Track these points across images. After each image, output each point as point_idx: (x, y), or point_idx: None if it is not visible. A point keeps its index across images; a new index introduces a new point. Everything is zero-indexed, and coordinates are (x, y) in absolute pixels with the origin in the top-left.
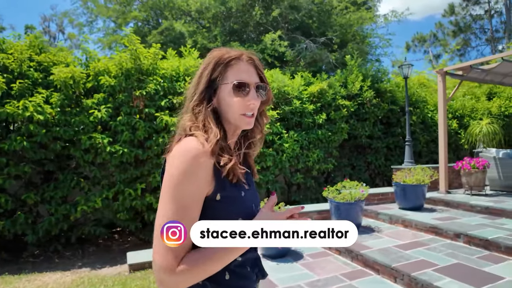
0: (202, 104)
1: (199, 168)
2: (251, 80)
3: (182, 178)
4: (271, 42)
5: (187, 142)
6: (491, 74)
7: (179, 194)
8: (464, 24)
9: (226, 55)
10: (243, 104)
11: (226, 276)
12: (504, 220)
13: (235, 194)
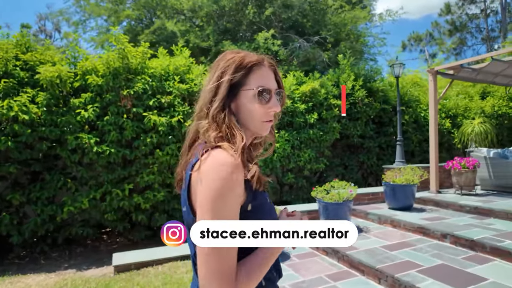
0: (224, 111)
1: (236, 183)
2: (272, 86)
3: (220, 196)
4: (264, 41)
5: (218, 156)
6: (482, 73)
7: (220, 212)
8: (460, 23)
9: (246, 59)
10: (265, 111)
11: (263, 283)
12: (492, 220)
13: (263, 202)
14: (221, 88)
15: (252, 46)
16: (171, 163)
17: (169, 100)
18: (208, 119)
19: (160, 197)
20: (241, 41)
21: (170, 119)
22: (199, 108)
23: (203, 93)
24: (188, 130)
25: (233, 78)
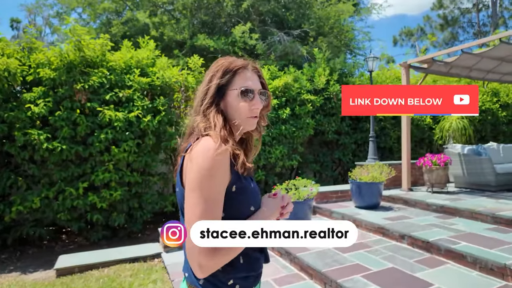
0: (212, 106)
1: (220, 164)
2: (256, 86)
3: (207, 175)
4: (241, 35)
5: (205, 142)
6: (455, 67)
7: (207, 191)
8: (452, 17)
9: (233, 64)
10: (249, 108)
11: (240, 260)
12: (456, 219)
13: (246, 185)
14: (210, 89)
15: (229, 40)
16: (129, 160)
17: (128, 94)
18: (200, 115)
19: (117, 196)
20: (218, 35)
21: (127, 114)
22: (194, 106)
23: (198, 93)
24: (188, 126)
25: (220, 81)
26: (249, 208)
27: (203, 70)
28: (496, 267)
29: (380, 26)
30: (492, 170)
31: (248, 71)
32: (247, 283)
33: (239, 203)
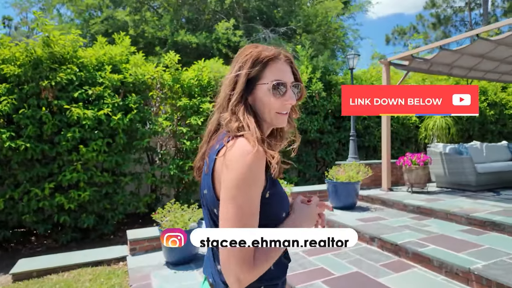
0: (241, 102)
1: (259, 171)
2: (288, 79)
3: (245, 183)
4: (224, 31)
5: (242, 145)
6: (436, 64)
7: (246, 202)
8: (444, 16)
9: (263, 54)
10: (280, 104)
11: (272, 267)
12: (431, 221)
13: (279, 189)
14: (239, 82)
15: (212, 37)
16: (99, 160)
17: (98, 91)
18: (228, 112)
19: (86, 196)
20: (200, 31)
21: (97, 112)
22: (219, 100)
23: (223, 87)
24: (209, 122)
25: (249, 72)
26: (281, 215)
27: (179, 66)
28: (461, 271)
29: (378, 24)
30: (473, 170)
31: (280, 61)
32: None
33: (272, 210)
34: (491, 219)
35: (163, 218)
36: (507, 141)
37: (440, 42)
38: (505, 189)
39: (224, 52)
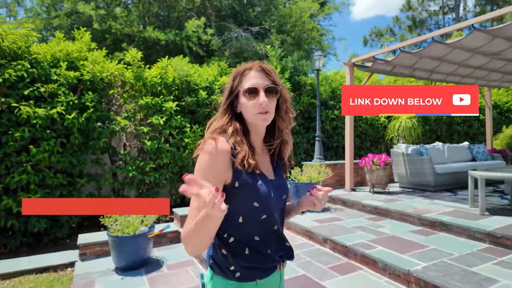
0: (227, 109)
1: (215, 163)
2: (260, 83)
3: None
4: (194, 29)
5: (206, 143)
6: (398, 66)
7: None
8: (420, 19)
9: (242, 68)
10: (256, 105)
11: (246, 251)
12: (386, 221)
13: (251, 182)
14: (225, 92)
15: (182, 34)
16: (52, 161)
17: (52, 89)
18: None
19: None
20: (169, 29)
21: (49, 111)
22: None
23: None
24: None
25: (233, 84)
26: (252, 204)
27: (142, 64)
28: (402, 273)
29: (360, 26)
30: (432, 170)
31: (252, 71)
32: (250, 273)
33: (240, 198)
34: (440, 220)
35: (113, 222)
36: (472, 142)
37: (399, 44)
38: (462, 189)
39: (194, 50)
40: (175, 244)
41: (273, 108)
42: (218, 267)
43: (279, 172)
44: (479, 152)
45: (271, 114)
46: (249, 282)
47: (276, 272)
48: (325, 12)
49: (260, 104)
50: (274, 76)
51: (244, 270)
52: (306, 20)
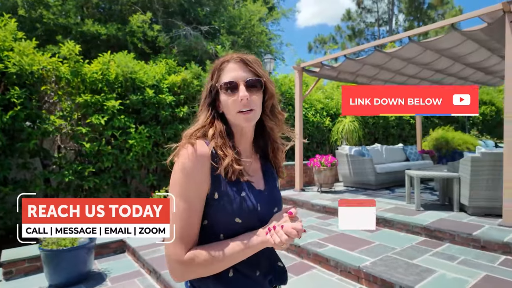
0: (206, 110)
1: (194, 170)
2: (239, 76)
3: (180, 182)
4: (140, 24)
5: (183, 148)
6: (343, 72)
7: (181, 195)
8: (358, 29)
9: (219, 61)
10: (236, 102)
11: (230, 274)
12: (335, 219)
13: (232, 193)
14: (204, 91)
15: (126, 29)
16: None
17: None
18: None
19: None
20: (111, 22)
21: None
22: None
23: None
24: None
25: (211, 80)
26: (233, 220)
27: (81, 58)
28: (353, 270)
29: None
30: (373, 170)
31: (230, 63)
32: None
33: (221, 211)
34: (383, 216)
35: None
36: (405, 143)
37: (345, 51)
38: (399, 187)
39: (139, 47)
40: (119, 254)
41: (258, 105)
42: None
43: (270, 181)
44: (411, 153)
45: (255, 112)
46: None
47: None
48: (274, 17)
49: (240, 100)
50: (256, 67)
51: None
52: (255, 24)
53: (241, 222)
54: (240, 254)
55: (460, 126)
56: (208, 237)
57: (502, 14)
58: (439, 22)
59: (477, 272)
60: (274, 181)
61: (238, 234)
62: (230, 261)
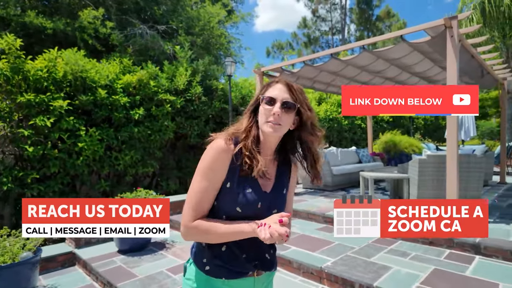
0: (249, 115)
1: (218, 160)
2: (279, 96)
3: (206, 166)
4: (91, 20)
5: (214, 141)
6: (301, 78)
7: (204, 176)
8: (313, 37)
9: (272, 79)
10: (268, 113)
11: (223, 248)
12: (296, 221)
13: (241, 188)
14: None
15: (75, 24)
16: None
17: None
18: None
19: None
20: (59, 16)
21: None
22: None
23: None
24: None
25: (259, 92)
26: (235, 208)
27: (23, 54)
28: (315, 271)
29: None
30: (330, 172)
31: (278, 84)
32: (219, 271)
33: (228, 199)
34: None
35: None
36: (357, 146)
37: (303, 58)
38: (354, 188)
39: (91, 44)
40: (68, 268)
41: (286, 123)
42: (195, 256)
43: (279, 187)
44: (364, 155)
45: (281, 128)
46: (215, 278)
47: (248, 277)
48: (233, 20)
49: (273, 114)
50: (296, 93)
51: (214, 267)
52: (215, 26)
53: (241, 212)
54: (232, 234)
55: (406, 130)
56: (214, 215)
57: (443, 29)
58: (390, 33)
59: (427, 267)
60: (282, 187)
61: (237, 220)
62: (223, 237)
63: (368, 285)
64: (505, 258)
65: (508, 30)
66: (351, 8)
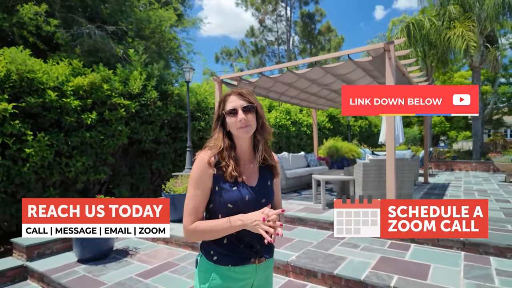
0: (219, 129)
1: (203, 172)
2: (238, 105)
3: (194, 178)
4: (32, 16)
5: (199, 156)
6: (258, 87)
7: (195, 186)
8: (261, 46)
9: (224, 95)
10: (236, 122)
11: (224, 241)
12: None
13: (226, 188)
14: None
15: (13, 20)
16: None
17: None
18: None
19: None
20: None
21: None
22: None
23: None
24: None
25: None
26: (226, 205)
27: None
28: (282, 265)
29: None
30: (284, 175)
31: (232, 96)
32: (225, 259)
33: (219, 199)
34: (298, 216)
35: None
36: (304, 152)
37: (260, 69)
38: (305, 190)
39: (31, 41)
40: (18, 283)
41: (253, 122)
42: (204, 249)
43: (263, 180)
44: (311, 160)
45: (252, 127)
46: (223, 266)
47: (251, 264)
48: (184, 24)
49: (239, 121)
50: (249, 97)
51: (220, 256)
52: (166, 30)
53: (232, 207)
54: (226, 229)
55: (344, 137)
56: (211, 216)
57: (383, 51)
58: (336, 52)
59: (374, 255)
60: (266, 180)
61: (231, 215)
62: (220, 233)
63: (329, 273)
64: (434, 245)
65: (427, 51)
66: (296, 21)
